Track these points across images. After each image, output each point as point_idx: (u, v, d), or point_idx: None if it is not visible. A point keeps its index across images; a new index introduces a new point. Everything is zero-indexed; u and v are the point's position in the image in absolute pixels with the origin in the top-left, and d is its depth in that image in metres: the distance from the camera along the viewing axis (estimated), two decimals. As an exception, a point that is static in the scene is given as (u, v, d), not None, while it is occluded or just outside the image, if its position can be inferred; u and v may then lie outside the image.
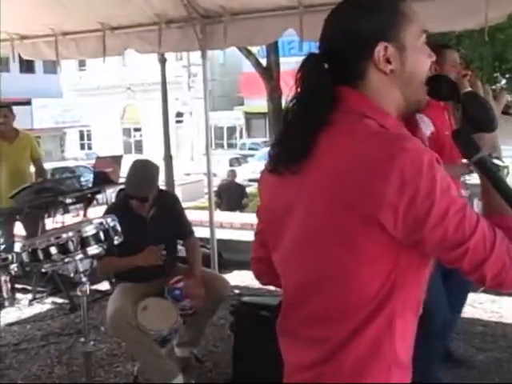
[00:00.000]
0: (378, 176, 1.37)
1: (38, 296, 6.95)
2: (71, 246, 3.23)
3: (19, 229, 7.27)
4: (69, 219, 7.35)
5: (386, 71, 1.56)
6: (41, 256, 3.26)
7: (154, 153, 34.81)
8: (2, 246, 7.03)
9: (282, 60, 21.87)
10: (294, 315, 1.65)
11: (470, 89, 1.42)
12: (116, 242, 3.52)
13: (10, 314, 6.44)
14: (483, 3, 4.97)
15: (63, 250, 3.23)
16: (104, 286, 6.90)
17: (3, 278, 3.46)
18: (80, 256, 3.29)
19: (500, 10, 5.09)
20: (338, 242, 1.47)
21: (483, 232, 1.39)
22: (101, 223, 3.47)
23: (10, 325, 6.24)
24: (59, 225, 6.91)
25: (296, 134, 1.56)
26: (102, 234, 3.40)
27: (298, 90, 1.62)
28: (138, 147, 46.06)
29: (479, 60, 16.23)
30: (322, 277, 1.53)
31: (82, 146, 47.34)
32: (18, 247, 5.97)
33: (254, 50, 20.16)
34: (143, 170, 4.62)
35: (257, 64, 20.94)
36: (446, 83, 1.53)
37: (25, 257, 3.32)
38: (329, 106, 1.54)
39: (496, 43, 16.34)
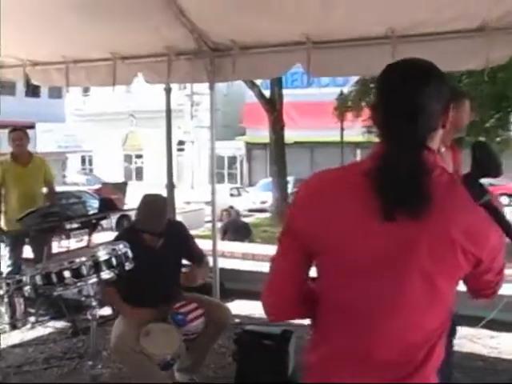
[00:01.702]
0: None
1: (40, 319, 6.99)
2: (84, 271, 3.32)
3: (28, 252, 7.33)
4: (73, 244, 7.45)
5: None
6: (54, 279, 3.34)
7: (154, 180, 34.96)
8: (10, 269, 7.12)
9: (284, 91, 22.11)
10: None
11: (481, 139, 1.56)
12: (127, 268, 3.61)
13: (13, 337, 6.45)
14: (484, 45, 5.13)
15: (76, 274, 3.32)
16: (107, 311, 6.95)
17: (17, 300, 3.55)
18: (93, 280, 3.37)
19: (501, 51, 5.24)
20: None
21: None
22: (113, 249, 3.56)
23: (13, 347, 6.27)
24: (64, 249, 7.02)
25: None
26: (114, 260, 3.50)
27: None
28: (139, 174, 46.20)
29: (479, 97, 16.41)
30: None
31: (84, 171, 47.46)
32: (29, 270, 6.08)
33: (258, 81, 20.36)
34: (154, 205, 4.72)
35: (260, 95, 21.17)
36: None
37: (38, 280, 3.41)
38: None
39: (497, 81, 16.56)
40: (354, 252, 1.70)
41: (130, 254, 3.69)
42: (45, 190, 7.61)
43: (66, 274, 3.30)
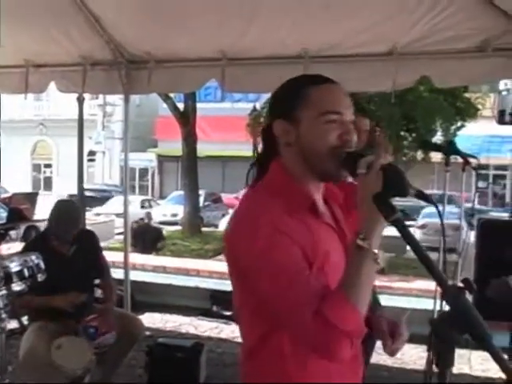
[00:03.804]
0: None
1: None
2: (-5, 282, 3.26)
3: None
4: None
5: (284, 143, 1.91)
6: (-37, 291, 3.28)
7: (64, 190, 34.29)
8: None
9: (197, 105, 22.19)
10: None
11: (389, 160, 1.66)
12: (39, 280, 3.57)
13: None
14: (393, 69, 5.34)
15: (-14, 285, 3.26)
16: (12, 324, 6.79)
17: None
18: (3, 292, 3.32)
19: (408, 76, 5.47)
20: None
21: None
22: (25, 260, 3.52)
23: None
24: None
25: None
26: (26, 271, 3.45)
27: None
28: (48, 184, 45.25)
29: (388, 118, 16.92)
30: None
31: (-12, 180, 46.12)
32: None
33: (172, 94, 20.36)
34: (67, 211, 4.71)
35: (174, 108, 21.17)
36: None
37: None
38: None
39: (405, 103, 17.14)
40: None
41: (42, 265, 3.66)
42: None
43: (-24, 285, 3.25)
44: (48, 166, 46.73)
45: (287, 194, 1.86)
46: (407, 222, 1.61)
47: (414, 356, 6.54)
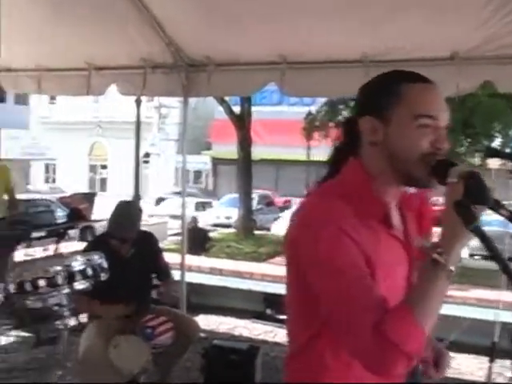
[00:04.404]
0: None
1: (2, 328, 6.93)
2: (59, 280, 3.32)
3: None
4: (39, 252, 7.40)
5: (369, 141, 1.80)
6: (28, 288, 3.34)
7: (118, 191, 34.76)
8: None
9: (253, 108, 22.26)
10: None
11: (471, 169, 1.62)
12: (102, 279, 3.63)
13: (-25, 345, 6.42)
14: (456, 74, 5.26)
15: (51, 283, 3.32)
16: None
17: (-11, 307, 3.53)
18: (67, 290, 3.38)
19: (471, 81, 5.38)
20: None
21: None
22: (88, 259, 3.58)
23: (-26, 355, 6.21)
24: (29, 257, 6.98)
25: None
26: (89, 270, 3.51)
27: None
28: (103, 185, 45.93)
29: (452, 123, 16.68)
30: None
31: (47, 179, 47.07)
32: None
33: (227, 97, 20.47)
34: (127, 212, 4.76)
35: (230, 111, 21.29)
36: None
37: (12, 288, 3.40)
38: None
39: (464, 108, 16.87)
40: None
41: (105, 264, 3.71)
42: (6, 197, 7.56)
43: (41, 282, 3.31)
44: (104, 167, 47.43)
45: (362, 197, 1.77)
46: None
47: (471, 367, 6.43)
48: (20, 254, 7.19)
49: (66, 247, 8.42)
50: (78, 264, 3.49)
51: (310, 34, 5.49)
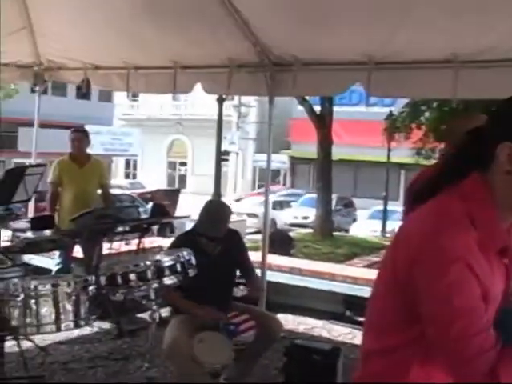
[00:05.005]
0: None
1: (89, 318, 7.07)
2: (149, 274, 3.39)
3: (78, 251, 7.46)
4: (123, 247, 7.55)
5: (505, 170, 1.67)
6: (119, 281, 3.42)
7: (197, 188, 35.18)
8: (59, 267, 7.26)
9: (333, 108, 22.11)
10: None
11: None
12: (190, 275, 3.68)
13: (60, 334, 6.55)
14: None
15: (141, 277, 3.40)
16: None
17: (82, 299, 3.62)
18: (156, 285, 3.44)
19: None
20: None
21: None
22: (178, 255, 3.64)
23: (59, 343, 6.33)
24: (113, 251, 7.12)
25: None
26: (178, 266, 3.57)
27: None
28: (182, 181, 46.49)
29: None
30: None
31: (127, 175, 48.00)
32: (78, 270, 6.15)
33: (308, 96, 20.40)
34: (219, 211, 4.81)
35: (311, 111, 21.20)
36: None
37: (103, 280, 3.49)
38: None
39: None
40: None
41: (193, 261, 3.76)
42: (100, 191, 7.76)
43: (132, 276, 3.39)
44: (183, 164, 48.06)
45: (487, 226, 1.68)
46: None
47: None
48: (103, 248, 7.31)
49: (151, 243, 8.59)
50: (167, 259, 3.56)
51: (397, 34, 5.41)
